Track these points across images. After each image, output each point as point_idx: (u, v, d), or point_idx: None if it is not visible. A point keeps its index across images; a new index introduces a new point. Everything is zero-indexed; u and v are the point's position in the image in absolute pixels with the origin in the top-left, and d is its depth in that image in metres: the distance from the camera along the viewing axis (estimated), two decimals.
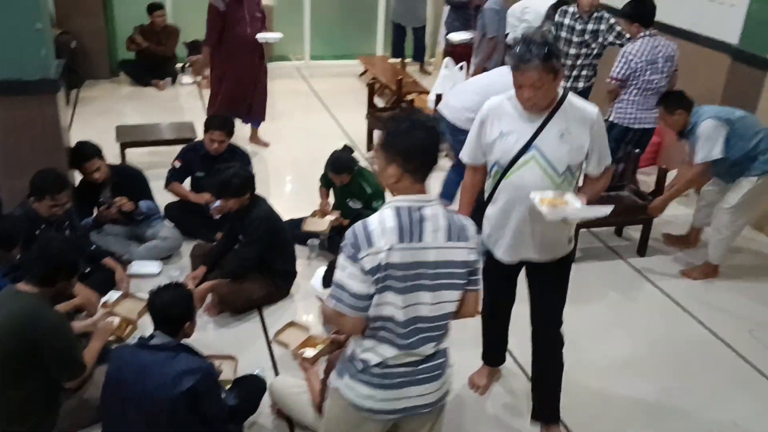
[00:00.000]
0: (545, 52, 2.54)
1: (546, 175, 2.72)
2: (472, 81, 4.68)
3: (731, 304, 4.33)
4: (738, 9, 5.18)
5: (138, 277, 4.15)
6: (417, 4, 8.23)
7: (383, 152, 2.10)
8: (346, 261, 2.04)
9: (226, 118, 4.71)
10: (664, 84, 4.82)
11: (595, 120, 2.72)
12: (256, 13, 5.79)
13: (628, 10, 4.85)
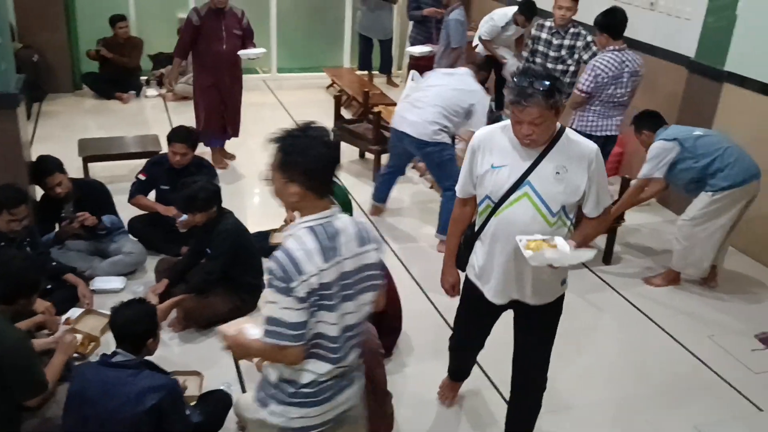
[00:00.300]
0: (548, 88, 2.38)
1: (539, 213, 2.56)
2: (424, 95, 4.71)
3: (692, 310, 4.43)
4: (694, 23, 5.33)
5: (101, 293, 4.09)
6: (383, 16, 8.29)
7: (282, 172, 2.03)
8: (277, 295, 1.97)
9: (188, 129, 4.67)
10: (628, 97, 4.93)
11: (594, 158, 2.54)
12: (234, 30, 5.67)
13: (600, 19, 4.89)
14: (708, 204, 4.29)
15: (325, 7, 9.22)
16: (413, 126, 4.64)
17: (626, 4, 5.99)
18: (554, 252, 2.48)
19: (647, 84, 5.86)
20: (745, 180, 4.20)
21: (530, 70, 2.46)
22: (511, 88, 2.48)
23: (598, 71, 4.77)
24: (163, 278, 3.99)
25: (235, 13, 5.70)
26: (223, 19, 5.61)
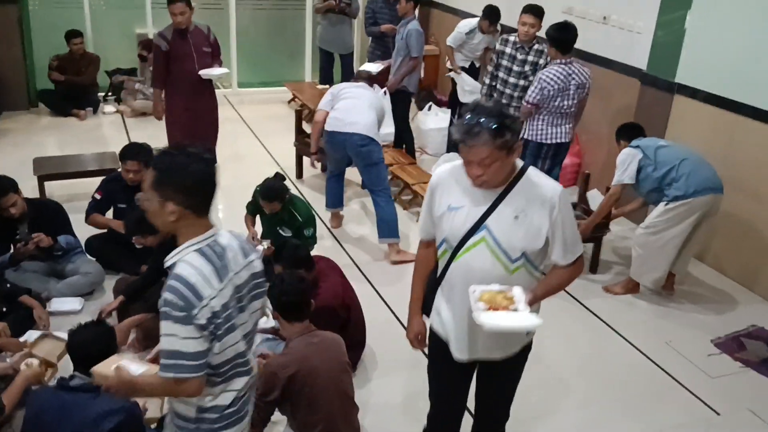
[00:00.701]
0: (497, 126, 2.17)
1: (497, 260, 2.36)
2: (356, 102, 5.05)
3: (650, 318, 4.52)
4: (645, 36, 5.48)
5: (58, 315, 4.01)
6: (344, 31, 8.32)
7: (158, 191, 1.96)
8: (176, 326, 1.90)
9: (140, 146, 4.58)
10: (575, 108, 5.10)
11: (557, 201, 2.30)
12: (203, 48, 5.62)
13: (552, 33, 5.02)
14: (661, 213, 4.40)
15: (285, 21, 9.24)
16: (360, 125, 4.92)
17: (580, 18, 6.14)
18: (492, 316, 2.24)
19: (603, 95, 6.01)
20: (697, 192, 4.26)
21: (479, 107, 2.23)
22: (459, 125, 2.24)
23: (544, 84, 4.92)
24: (120, 295, 3.92)
25: (201, 30, 5.64)
26: (191, 39, 5.54)
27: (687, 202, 4.28)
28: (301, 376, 2.90)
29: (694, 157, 4.39)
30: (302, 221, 4.49)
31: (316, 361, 2.97)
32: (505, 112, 2.22)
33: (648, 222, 4.48)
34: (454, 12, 8.16)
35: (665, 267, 4.49)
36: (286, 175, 6.04)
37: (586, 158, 6.32)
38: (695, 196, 4.27)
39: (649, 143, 4.48)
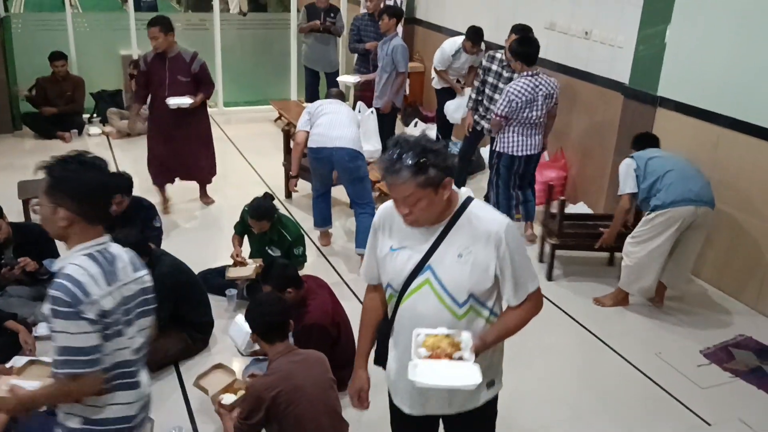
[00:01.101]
0: (418, 162, 1.99)
1: (443, 304, 2.16)
2: (338, 117, 5.07)
3: (639, 329, 4.53)
4: (626, 50, 5.54)
5: (45, 340, 3.95)
6: (329, 49, 8.37)
7: (51, 196, 1.98)
8: (66, 322, 1.89)
9: (120, 177, 4.44)
10: (544, 119, 5.26)
11: (503, 236, 2.12)
12: (179, 76, 5.47)
13: (515, 47, 5.17)
14: (644, 223, 4.44)
15: (270, 40, 9.27)
16: (346, 139, 4.93)
17: (563, 33, 6.21)
18: (425, 371, 2.02)
19: (587, 109, 6.07)
20: (675, 202, 4.28)
21: (401, 141, 2.05)
22: (381, 160, 2.08)
23: (512, 96, 5.07)
24: None
25: (183, 57, 5.49)
26: (167, 65, 5.44)
27: (665, 212, 4.31)
28: (286, 395, 2.89)
29: (682, 168, 4.40)
30: (292, 240, 4.48)
31: (301, 379, 2.95)
32: (428, 147, 2.03)
33: (634, 232, 4.52)
34: (437, 29, 8.23)
35: (652, 277, 4.51)
36: (275, 195, 6.04)
37: (572, 171, 6.36)
38: (673, 206, 4.29)
39: (643, 154, 4.53)
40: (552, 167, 6.40)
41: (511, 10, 6.75)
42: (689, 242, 4.47)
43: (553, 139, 6.45)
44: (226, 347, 4.02)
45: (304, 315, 3.55)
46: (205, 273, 4.55)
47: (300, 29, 8.31)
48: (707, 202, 4.36)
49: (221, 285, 4.46)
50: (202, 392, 3.53)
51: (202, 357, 3.96)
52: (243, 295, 4.48)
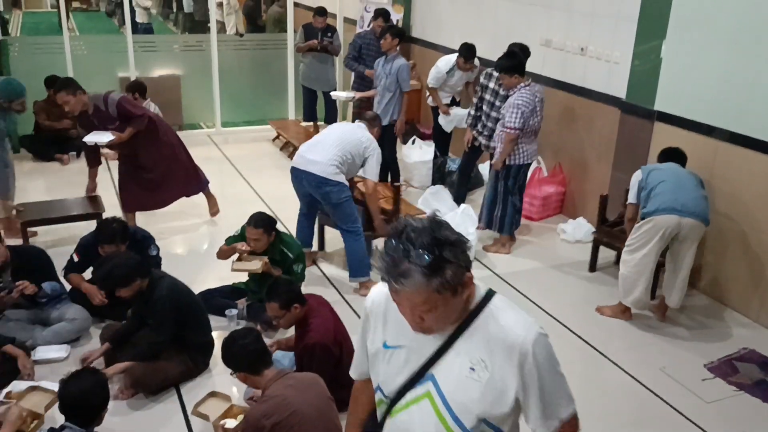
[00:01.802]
0: (433, 262, 1.53)
1: (445, 427, 1.69)
2: (326, 135, 5.02)
3: (642, 344, 4.51)
4: (622, 66, 5.58)
5: (44, 363, 3.93)
6: (326, 68, 8.41)
7: None
8: None
9: (113, 229, 4.27)
10: (540, 123, 5.44)
11: (530, 351, 1.65)
12: (108, 125, 5.35)
13: (507, 64, 5.29)
14: (634, 231, 4.50)
15: (267, 60, 9.32)
16: (315, 165, 4.78)
17: (559, 50, 6.25)
18: None
19: (584, 125, 6.10)
20: (659, 210, 4.33)
21: (407, 229, 1.56)
22: (381, 255, 1.58)
23: (522, 108, 5.22)
24: (105, 342, 3.87)
25: (98, 107, 5.31)
26: (95, 120, 5.34)
27: (650, 220, 4.37)
28: (285, 420, 2.87)
29: (676, 180, 4.43)
30: (293, 257, 4.47)
31: (299, 401, 2.94)
32: (442, 237, 1.55)
33: (627, 241, 4.58)
34: (434, 47, 8.28)
35: (642, 288, 4.50)
36: (273, 213, 6.04)
37: (571, 186, 6.37)
38: (656, 214, 4.35)
39: (649, 166, 4.63)
40: (550, 182, 6.41)
41: (507, 28, 6.80)
42: (679, 255, 4.49)
43: (551, 154, 6.48)
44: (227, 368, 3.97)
45: (305, 334, 3.53)
46: (205, 293, 4.52)
47: (297, 49, 8.36)
48: (694, 214, 4.34)
49: (221, 305, 4.44)
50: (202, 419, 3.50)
51: (203, 379, 3.92)
52: (243, 315, 4.46)
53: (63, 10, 8.25)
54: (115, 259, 3.77)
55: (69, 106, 5.23)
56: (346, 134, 4.95)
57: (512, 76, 5.25)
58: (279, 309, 3.50)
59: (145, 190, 5.64)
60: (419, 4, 8.70)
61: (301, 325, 3.57)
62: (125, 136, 5.34)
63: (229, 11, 12.19)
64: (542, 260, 5.62)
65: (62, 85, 5.27)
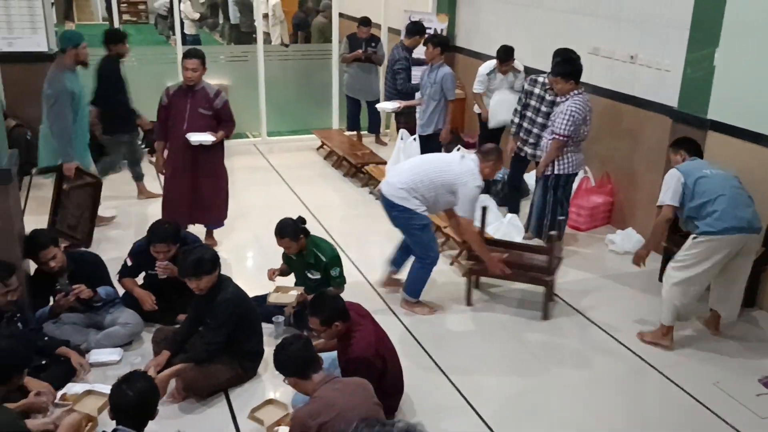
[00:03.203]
0: None
1: None
2: (412, 159, 4.89)
3: (695, 358, 4.39)
4: (673, 74, 5.48)
5: (98, 366, 4.02)
6: (370, 78, 8.47)
7: None
8: None
9: (166, 228, 4.39)
10: (588, 132, 5.40)
11: None
12: (200, 110, 5.30)
13: (563, 69, 5.24)
14: (690, 247, 4.28)
15: (311, 70, 9.41)
16: (386, 185, 4.70)
17: (607, 58, 6.17)
18: None
19: (633, 134, 6.00)
20: (727, 230, 4.14)
21: None
22: None
23: (575, 115, 5.17)
24: (163, 350, 3.93)
25: (206, 92, 5.34)
26: (190, 98, 5.29)
27: (715, 239, 4.17)
28: (331, 422, 2.89)
29: (733, 193, 4.25)
30: (327, 261, 4.49)
31: (344, 405, 2.95)
32: None
33: (677, 256, 4.37)
34: (478, 56, 8.26)
35: (689, 301, 4.32)
36: (318, 221, 6.09)
37: (619, 197, 6.27)
38: (724, 234, 4.14)
39: (692, 171, 4.33)
40: (598, 192, 6.32)
41: (553, 36, 6.74)
42: (738, 269, 4.33)
43: (598, 164, 6.39)
44: (276, 375, 4.00)
45: (348, 348, 3.53)
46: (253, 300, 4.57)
47: (343, 59, 8.43)
48: (757, 229, 4.23)
49: (268, 312, 4.48)
50: (256, 423, 3.54)
51: (252, 385, 3.96)
52: (290, 322, 4.49)
53: (115, 22, 8.48)
54: (202, 249, 3.90)
55: (195, 74, 5.20)
56: (434, 163, 4.69)
57: (568, 82, 5.20)
58: (320, 325, 3.49)
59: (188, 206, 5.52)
60: (463, 13, 8.70)
61: (343, 339, 3.57)
62: (219, 138, 5.39)
63: (275, 22, 12.35)
64: (590, 271, 5.53)
65: (198, 54, 5.28)
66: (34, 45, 7.22)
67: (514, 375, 4.19)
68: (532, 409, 3.88)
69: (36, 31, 7.22)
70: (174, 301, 4.45)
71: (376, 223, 6.32)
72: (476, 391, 3.98)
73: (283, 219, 4.52)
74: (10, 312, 3.69)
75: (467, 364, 4.25)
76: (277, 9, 12.39)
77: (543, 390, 4.05)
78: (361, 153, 7.72)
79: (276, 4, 12.37)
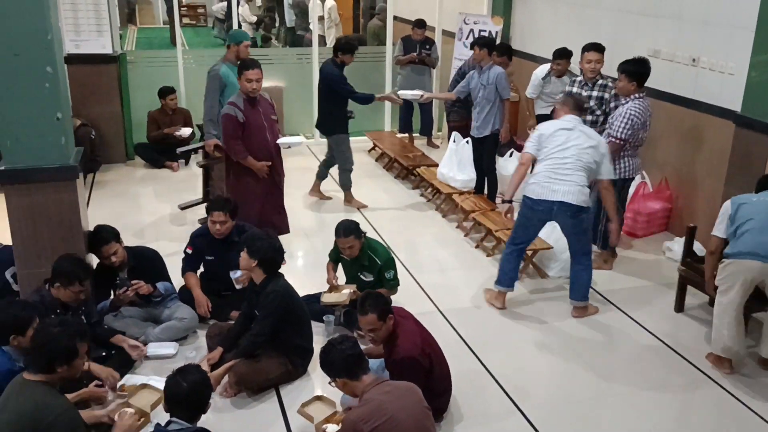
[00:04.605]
0: None
1: None
2: (564, 162, 4.55)
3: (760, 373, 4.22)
4: (737, 77, 5.31)
5: (154, 359, 4.13)
6: (423, 80, 8.47)
7: None
8: None
9: (225, 198, 4.61)
10: (646, 137, 5.28)
11: None
12: (271, 116, 5.34)
13: (630, 67, 5.10)
14: (720, 272, 4.13)
15: (365, 72, 9.43)
16: (571, 194, 4.48)
17: (668, 61, 6.02)
18: None
19: (694, 138, 5.84)
20: (741, 254, 3.98)
21: None
22: None
23: (634, 119, 5.04)
24: (217, 345, 4.02)
25: (266, 98, 5.35)
26: (260, 108, 5.24)
27: (731, 263, 4.03)
28: (383, 425, 2.89)
29: (764, 218, 4.04)
30: (381, 264, 4.51)
31: (395, 408, 2.95)
32: None
33: (716, 280, 4.19)
34: (533, 59, 8.17)
35: (729, 334, 4.06)
36: (369, 222, 6.13)
37: (679, 203, 6.10)
38: (738, 258, 4.00)
39: (743, 197, 4.22)
40: (656, 198, 6.17)
41: (611, 38, 6.60)
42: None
43: (656, 169, 6.25)
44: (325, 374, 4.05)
45: (393, 349, 3.53)
46: (304, 299, 4.62)
47: (397, 61, 8.46)
48: None
49: (319, 311, 4.52)
50: (305, 419, 3.58)
51: (301, 382, 4.01)
52: (340, 321, 4.53)
53: (177, 25, 8.72)
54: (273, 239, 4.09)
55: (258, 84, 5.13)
56: (581, 151, 4.57)
57: (630, 82, 5.07)
58: (377, 320, 3.47)
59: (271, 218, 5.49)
60: (519, 15, 8.61)
61: (389, 341, 3.57)
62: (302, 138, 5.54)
63: (330, 25, 12.48)
64: (646, 278, 5.40)
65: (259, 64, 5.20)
66: (100, 47, 7.48)
67: (565, 382, 4.12)
68: (582, 417, 3.82)
69: (102, 33, 7.48)
70: (227, 298, 4.54)
71: (425, 226, 6.33)
72: (525, 396, 3.93)
73: (344, 219, 4.58)
74: (76, 305, 3.82)
75: (516, 368, 4.21)
76: (332, 12, 12.52)
77: (595, 399, 3.98)
78: (413, 155, 7.73)
79: (332, 7, 12.50)
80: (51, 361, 2.85)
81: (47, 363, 2.84)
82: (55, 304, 3.73)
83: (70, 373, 2.95)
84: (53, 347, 2.85)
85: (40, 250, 4.03)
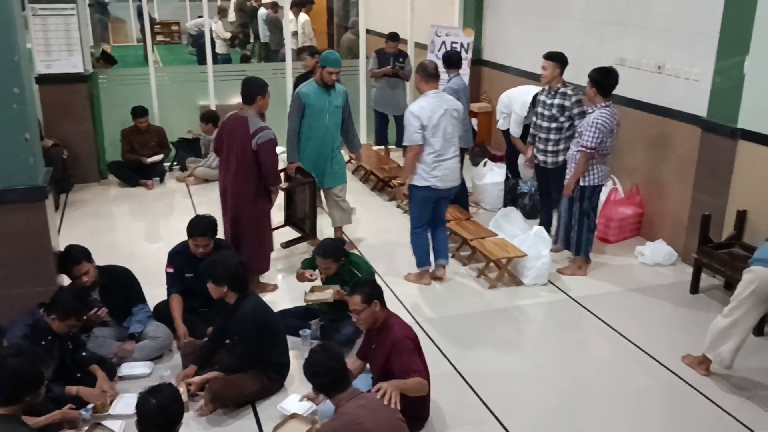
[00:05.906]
0: None
1: None
2: None
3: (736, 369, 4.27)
4: (702, 83, 5.41)
5: (128, 379, 4.09)
6: (398, 93, 8.52)
7: None
8: None
9: (207, 221, 4.53)
10: (614, 145, 5.38)
11: None
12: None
13: (594, 75, 5.21)
14: (740, 283, 4.06)
15: None
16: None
17: (634, 68, 6.12)
18: None
19: (662, 144, 5.93)
20: (756, 260, 3.97)
21: None
22: None
23: (601, 127, 5.12)
24: (192, 363, 4.01)
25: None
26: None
27: (748, 271, 3.98)
28: None
29: None
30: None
31: (369, 423, 2.95)
32: None
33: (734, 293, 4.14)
34: (504, 69, 8.26)
35: (730, 346, 4.03)
36: (348, 237, 6.12)
37: (648, 208, 6.19)
38: (753, 264, 3.98)
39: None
40: (627, 204, 6.25)
41: (579, 47, 6.72)
42: None
43: (626, 176, 6.33)
44: (302, 388, 4.03)
45: (389, 332, 3.61)
46: (279, 314, 4.61)
47: (372, 74, 8.50)
48: None
49: (295, 326, 4.51)
50: None
51: (278, 397, 3.98)
52: (316, 335, 4.52)
53: (149, 43, 8.70)
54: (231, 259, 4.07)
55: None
56: None
57: (591, 88, 5.17)
58: (360, 302, 3.55)
59: None
60: (490, 27, 8.72)
61: (383, 326, 3.63)
62: None
63: (304, 39, 12.50)
64: (620, 284, 5.46)
65: None
66: (71, 66, 7.43)
67: (540, 388, 4.14)
68: (558, 423, 3.84)
69: (72, 53, 7.44)
70: (202, 315, 4.52)
71: (403, 237, 6.33)
72: (501, 403, 3.94)
73: (327, 239, 4.59)
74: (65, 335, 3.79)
75: (492, 375, 4.23)
76: (306, 26, 12.55)
77: (570, 404, 4.00)
78: (389, 167, 7.77)
79: (305, 22, 12.53)
80: (17, 393, 2.80)
81: (12, 395, 2.80)
82: (46, 330, 3.70)
83: (35, 400, 2.91)
84: (19, 378, 2.81)
85: (9, 273, 3.99)
